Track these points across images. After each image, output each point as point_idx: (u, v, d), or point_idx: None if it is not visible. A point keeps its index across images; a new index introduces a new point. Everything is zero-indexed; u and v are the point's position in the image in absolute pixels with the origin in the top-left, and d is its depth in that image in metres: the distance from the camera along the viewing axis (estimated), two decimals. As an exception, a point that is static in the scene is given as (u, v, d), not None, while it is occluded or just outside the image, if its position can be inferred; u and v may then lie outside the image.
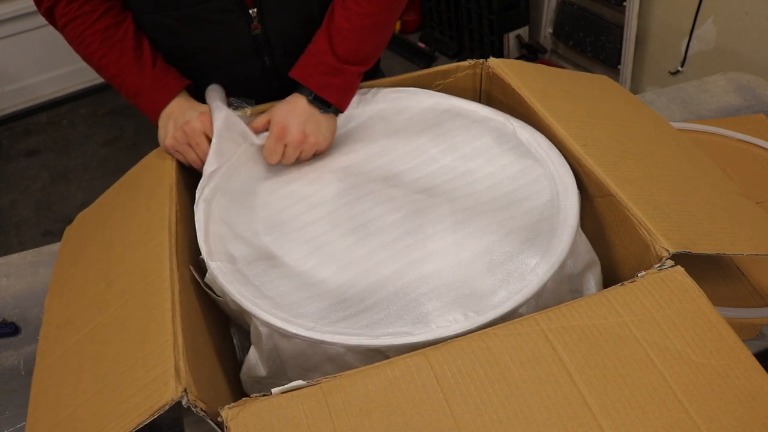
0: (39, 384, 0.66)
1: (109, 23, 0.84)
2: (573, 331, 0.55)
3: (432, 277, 0.66)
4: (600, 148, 0.77)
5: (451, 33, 2.75)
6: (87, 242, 0.81)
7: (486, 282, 0.65)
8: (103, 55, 0.84)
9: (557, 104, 0.85)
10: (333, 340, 0.60)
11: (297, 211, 0.78)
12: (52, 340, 0.70)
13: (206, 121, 0.83)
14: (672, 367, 0.53)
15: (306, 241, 0.73)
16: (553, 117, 0.82)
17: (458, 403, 0.51)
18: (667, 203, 0.70)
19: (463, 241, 0.70)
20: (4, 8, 2.50)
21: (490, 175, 0.79)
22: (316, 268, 0.70)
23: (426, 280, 0.66)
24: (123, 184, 0.87)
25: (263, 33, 0.90)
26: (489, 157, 0.82)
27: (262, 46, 0.91)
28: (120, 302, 0.66)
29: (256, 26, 0.88)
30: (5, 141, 2.65)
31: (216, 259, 0.69)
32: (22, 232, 2.22)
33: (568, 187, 0.74)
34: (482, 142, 0.84)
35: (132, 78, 0.85)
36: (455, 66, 0.96)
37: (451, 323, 0.60)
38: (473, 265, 0.67)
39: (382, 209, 0.76)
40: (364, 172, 0.83)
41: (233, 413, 0.51)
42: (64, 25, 0.85)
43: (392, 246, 0.71)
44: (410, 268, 0.68)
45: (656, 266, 0.61)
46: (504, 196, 0.76)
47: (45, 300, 0.76)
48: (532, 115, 0.85)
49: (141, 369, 0.57)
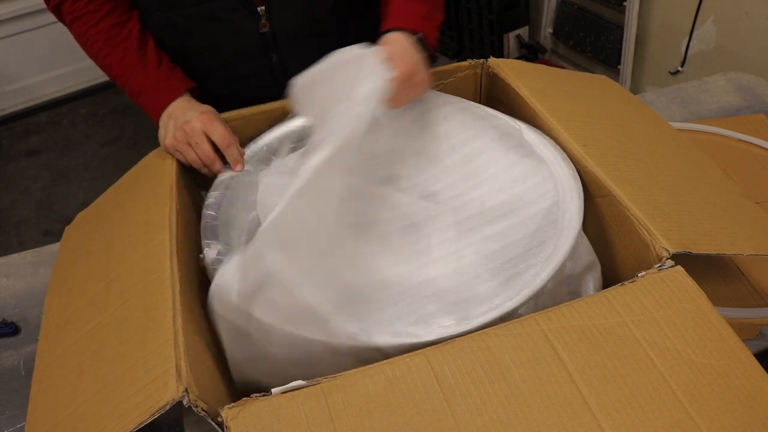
0: (39, 384, 0.66)
1: (113, 22, 0.84)
2: (573, 331, 0.55)
3: (434, 281, 0.67)
4: (600, 148, 0.77)
5: (451, 33, 2.75)
6: (86, 242, 0.81)
7: (487, 285, 0.66)
8: (108, 54, 0.85)
9: (557, 104, 0.85)
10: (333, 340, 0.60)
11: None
12: (51, 339, 0.69)
13: (206, 120, 0.82)
14: (672, 367, 0.53)
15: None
16: (553, 117, 0.82)
17: (458, 403, 0.51)
18: (667, 203, 0.70)
19: (465, 250, 0.70)
20: (4, 8, 2.50)
21: (494, 177, 0.79)
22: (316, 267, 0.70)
23: (428, 284, 0.66)
24: (123, 184, 0.87)
25: (271, 31, 0.89)
26: (494, 158, 0.82)
27: (270, 45, 0.91)
28: (120, 302, 0.66)
29: (264, 24, 0.89)
30: (5, 141, 2.65)
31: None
32: (22, 232, 2.22)
33: (573, 189, 0.74)
34: (486, 142, 0.84)
35: (135, 77, 0.85)
36: (455, 66, 0.96)
37: (451, 324, 0.60)
38: (476, 270, 0.67)
39: (387, 216, 0.76)
40: (368, 172, 0.83)
41: (233, 413, 0.51)
42: (71, 22, 0.86)
43: (397, 252, 0.71)
44: (413, 274, 0.68)
45: (656, 266, 0.61)
46: (508, 202, 0.76)
47: (45, 300, 0.76)
48: (533, 115, 0.85)
49: (141, 369, 0.57)
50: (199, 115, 0.83)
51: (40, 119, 2.75)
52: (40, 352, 0.69)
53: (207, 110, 0.84)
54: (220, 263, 0.68)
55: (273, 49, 0.92)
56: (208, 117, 0.83)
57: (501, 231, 0.72)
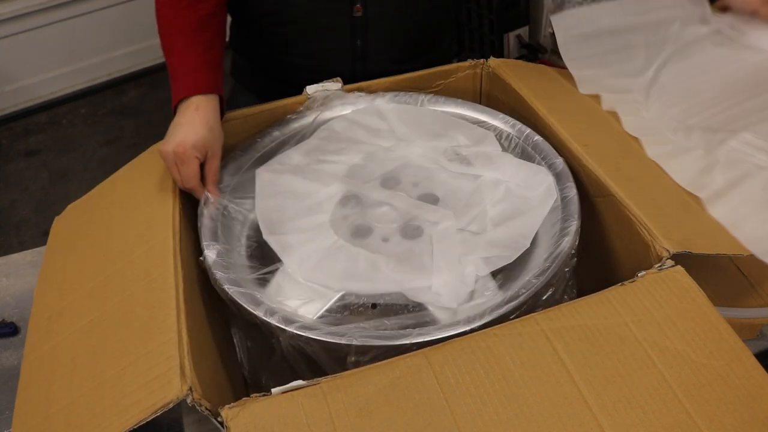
0: (28, 376, 0.65)
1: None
2: (573, 331, 0.55)
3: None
4: (600, 148, 0.77)
5: (451, 33, 2.75)
6: (81, 235, 0.79)
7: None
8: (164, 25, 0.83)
9: (558, 104, 0.85)
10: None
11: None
12: (42, 332, 0.68)
13: (182, 154, 0.74)
14: (672, 367, 0.53)
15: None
16: (553, 117, 0.82)
17: (458, 403, 0.51)
18: (668, 203, 0.70)
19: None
20: (4, 8, 2.50)
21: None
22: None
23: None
24: (120, 177, 0.85)
25: (364, 16, 0.91)
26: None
27: (359, 28, 0.93)
28: (119, 298, 0.66)
29: (359, 8, 0.90)
30: (5, 141, 2.65)
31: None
32: (22, 232, 2.22)
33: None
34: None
35: (175, 56, 0.82)
36: (455, 66, 0.96)
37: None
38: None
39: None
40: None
41: (233, 413, 0.51)
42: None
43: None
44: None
45: (656, 266, 0.61)
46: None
47: (35, 290, 0.75)
48: (533, 115, 0.85)
49: (143, 366, 0.57)
50: (192, 145, 0.75)
51: (40, 119, 2.74)
52: (29, 344, 0.68)
53: (203, 138, 0.76)
54: (220, 265, 0.68)
55: (360, 34, 0.93)
56: (190, 151, 0.75)
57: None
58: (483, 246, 0.70)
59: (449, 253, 0.70)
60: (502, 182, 0.78)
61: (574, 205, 0.71)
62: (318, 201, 0.79)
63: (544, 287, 0.63)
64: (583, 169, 0.75)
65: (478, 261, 0.68)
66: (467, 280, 0.67)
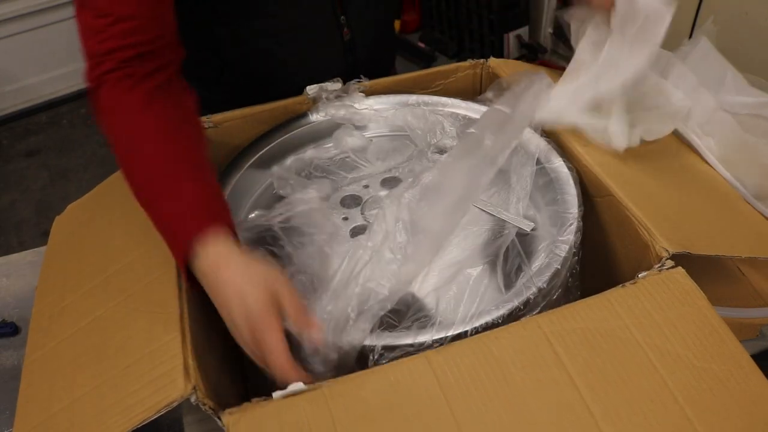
0: (29, 375, 0.65)
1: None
2: (574, 334, 0.55)
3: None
4: (600, 148, 0.77)
5: (451, 33, 2.74)
6: (81, 235, 0.79)
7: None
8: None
9: (558, 105, 0.85)
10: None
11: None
12: (44, 331, 0.68)
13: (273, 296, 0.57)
14: (673, 371, 0.53)
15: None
16: (553, 118, 0.82)
17: (460, 406, 0.51)
18: (667, 204, 0.70)
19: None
20: (4, 8, 2.50)
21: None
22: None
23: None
24: (120, 177, 0.83)
25: (351, 38, 0.93)
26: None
27: (349, 49, 0.94)
28: (121, 297, 0.66)
29: (347, 32, 0.92)
30: (5, 141, 2.65)
31: None
32: (22, 232, 2.22)
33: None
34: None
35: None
36: (455, 66, 0.96)
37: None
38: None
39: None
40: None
41: (234, 419, 0.51)
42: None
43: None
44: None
45: (656, 266, 0.61)
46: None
47: (36, 290, 0.75)
48: (533, 116, 0.85)
49: (147, 365, 0.57)
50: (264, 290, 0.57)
51: (40, 119, 2.75)
52: (31, 343, 0.68)
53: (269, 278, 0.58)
54: None
55: (350, 54, 0.95)
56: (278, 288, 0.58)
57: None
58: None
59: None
60: None
61: (575, 206, 0.71)
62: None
63: (546, 287, 0.63)
64: (583, 169, 0.75)
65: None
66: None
